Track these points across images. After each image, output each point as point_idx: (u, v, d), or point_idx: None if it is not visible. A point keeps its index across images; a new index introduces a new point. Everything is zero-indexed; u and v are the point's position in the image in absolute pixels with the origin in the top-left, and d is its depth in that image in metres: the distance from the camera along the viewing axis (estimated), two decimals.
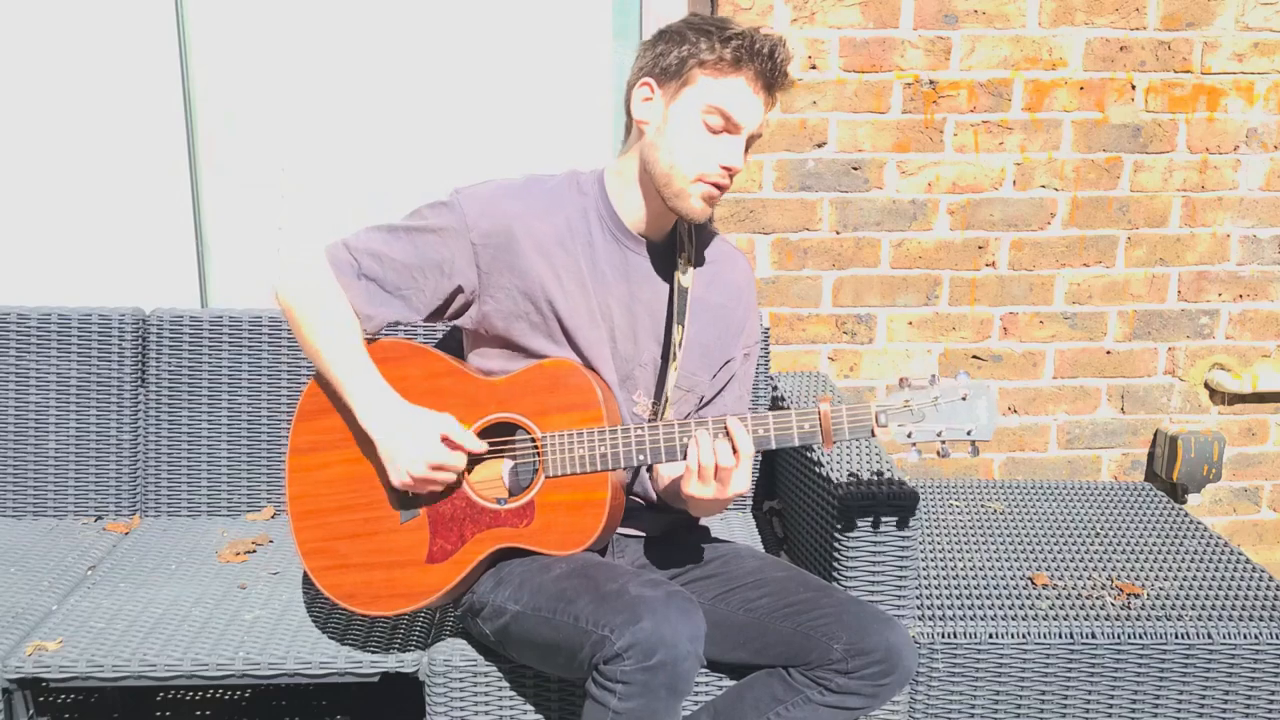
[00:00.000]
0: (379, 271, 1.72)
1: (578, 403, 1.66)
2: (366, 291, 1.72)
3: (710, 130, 1.65)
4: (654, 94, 1.67)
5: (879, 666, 1.60)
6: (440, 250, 1.71)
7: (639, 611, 1.48)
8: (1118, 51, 2.65)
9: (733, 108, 1.63)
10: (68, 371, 2.36)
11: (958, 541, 2.32)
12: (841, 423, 1.59)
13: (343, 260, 1.73)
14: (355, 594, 1.75)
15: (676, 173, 1.66)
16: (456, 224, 1.70)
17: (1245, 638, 1.94)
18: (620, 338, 1.76)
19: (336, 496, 1.76)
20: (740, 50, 1.62)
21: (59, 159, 2.70)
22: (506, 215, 1.70)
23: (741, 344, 1.87)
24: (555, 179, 1.77)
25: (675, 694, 1.50)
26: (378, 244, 1.73)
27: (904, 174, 2.68)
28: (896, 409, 1.57)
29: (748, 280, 1.89)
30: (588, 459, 1.64)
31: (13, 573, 2.10)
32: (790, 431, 1.60)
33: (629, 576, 1.59)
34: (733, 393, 1.87)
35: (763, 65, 1.63)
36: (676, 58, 1.64)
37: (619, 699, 1.48)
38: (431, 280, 1.72)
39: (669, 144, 1.66)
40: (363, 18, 2.67)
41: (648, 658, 1.46)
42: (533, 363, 1.71)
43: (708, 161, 1.65)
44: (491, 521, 1.69)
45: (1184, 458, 2.76)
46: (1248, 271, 2.79)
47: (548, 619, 1.59)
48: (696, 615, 1.52)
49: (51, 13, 2.62)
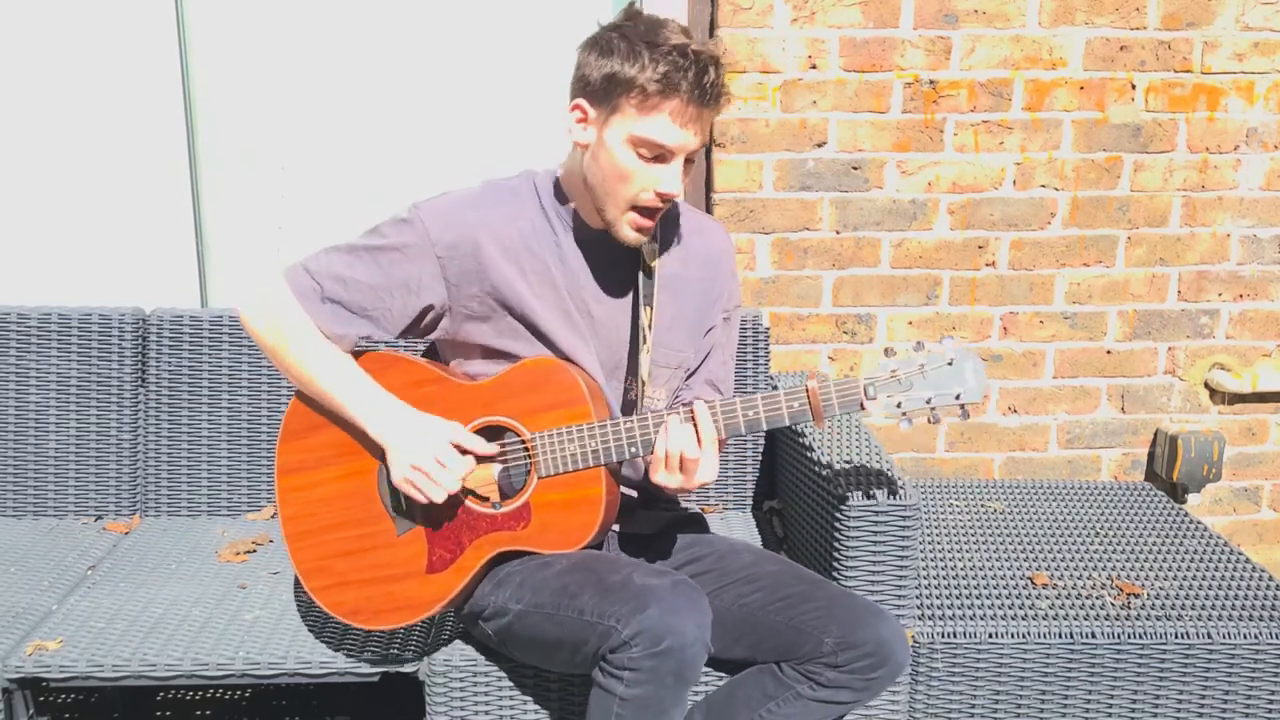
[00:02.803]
0: (343, 295, 1.68)
1: (563, 400, 1.66)
2: (332, 314, 1.69)
3: (642, 159, 1.60)
4: (587, 116, 1.63)
5: (869, 659, 1.59)
6: (405, 268, 1.68)
7: (646, 600, 1.49)
8: (1118, 51, 2.65)
9: (662, 137, 1.58)
10: (68, 371, 2.36)
11: (958, 541, 2.32)
12: (830, 398, 1.59)
13: (304, 286, 1.69)
14: (359, 610, 1.74)
15: (611, 201, 1.63)
16: (419, 239, 1.68)
17: (1245, 638, 1.94)
18: (602, 329, 1.75)
19: (330, 515, 1.75)
20: (669, 77, 1.54)
21: (59, 159, 2.70)
22: (469, 225, 1.68)
23: (720, 308, 1.86)
24: (512, 181, 1.76)
25: (682, 681, 1.50)
26: (340, 266, 1.69)
27: (904, 174, 2.68)
28: (884, 380, 1.58)
29: (724, 249, 1.86)
30: (579, 456, 1.64)
31: (13, 573, 2.10)
32: (780, 411, 1.60)
33: (632, 567, 1.59)
34: (716, 359, 1.86)
35: (691, 92, 1.55)
36: (603, 79, 1.58)
37: (626, 685, 1.48)
38: (399, 299, 1.69)
39: (603, 171, 1.62)
40: (362, 18, 2.67)
41: (655, 644, 1.46)
42: (514, 364, 1.70)
43: (643, 189, 1.61)
44: (488, 526, 1.69)
45: (1184, 457, 2.76)
46: (1248, 271, 2.79)
47: (551, 615, 1.59)
48: (702, 603, 1.53)
49: (51, 13, 2.62)
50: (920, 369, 1.57)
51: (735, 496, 2.48)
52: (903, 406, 1.58)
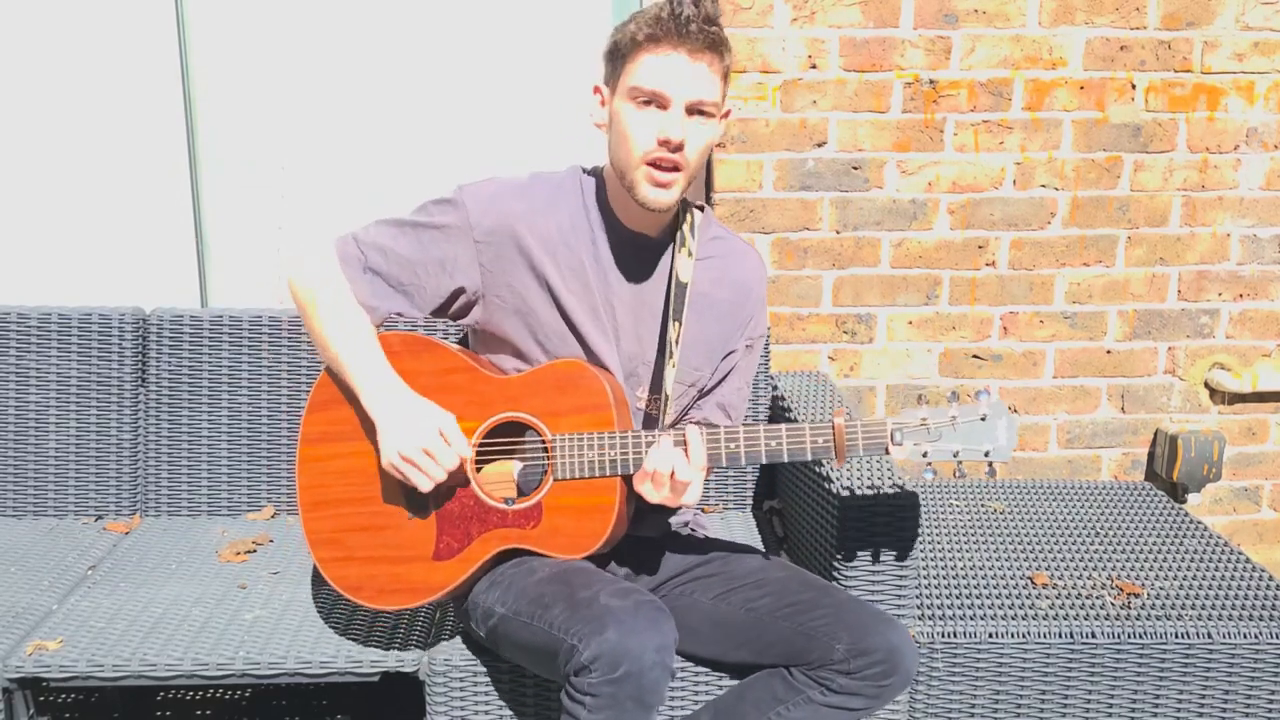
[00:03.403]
0: (384, 266, 1.72)
1: (588, 404, 1.65)
2: (371, 285, 1.72)
3: (639, 109, 1.61)
4: (603, 96, 1.68)
5: (881, 667, 1.59)
6: (443, 247, 1.71)
7: (605, 622, 1.48)
8: (1118, 51, 2.65)
9: (648, 80, 1.59)
10: (68, 371, 2.36)
11: (958, 541, 2.32)
12: (856, 439, 1.57)
13: (350, 254, 1.73)
14: (362, 586, 1.74)
15: (627, 165, 1.64)
16: (459, 222, 1.70)
17: (1245, 637, 1.94)
18: (624, 335, 1.76)
19: (346, 488, 1.75)
20: (655, 25, 1.58)
21: (59, 159, 2.70)
22: (510, 214, 1.70)
23: (745, 336, 1.85)
24: (559, 175, 1.77)
25: (643, 706, 1.50)
26: (384, 238, 1.73)
27: (904, 173, 2.68)
28: (913, 427, 1.55)
29: (758, 277, 1.87)
30: (596, 464, 1.64)
31: (13, 572, 2.10)
32: (803, 445, 1.59)
33: (603, 584, 1.58)
34: (731, 384, 1.86)
35: (675, 32, 1.56)
36: (608, 56, 1.65)
37: (589, 711, 1.48)
38: (433, 277, 1.72)
39: (616, 139, 1.65)
40: (362, 17, 2.67)
41: (613, 669, 1.46)
42: (544, 362, 1.71)
43: (646, 139, 1.61)
44: (498, 522, 1.69)
45: (1184, 457, 2.76)
46: (1248, 271, 2.79)
47: (527, 623, 1.60)
48: (666, 625, 1.52)
49: (52, 13, 2.62)
50: (951, 421, 1.54)
51: (735, 496, 2.48)
52: (929, 456, 1.56)
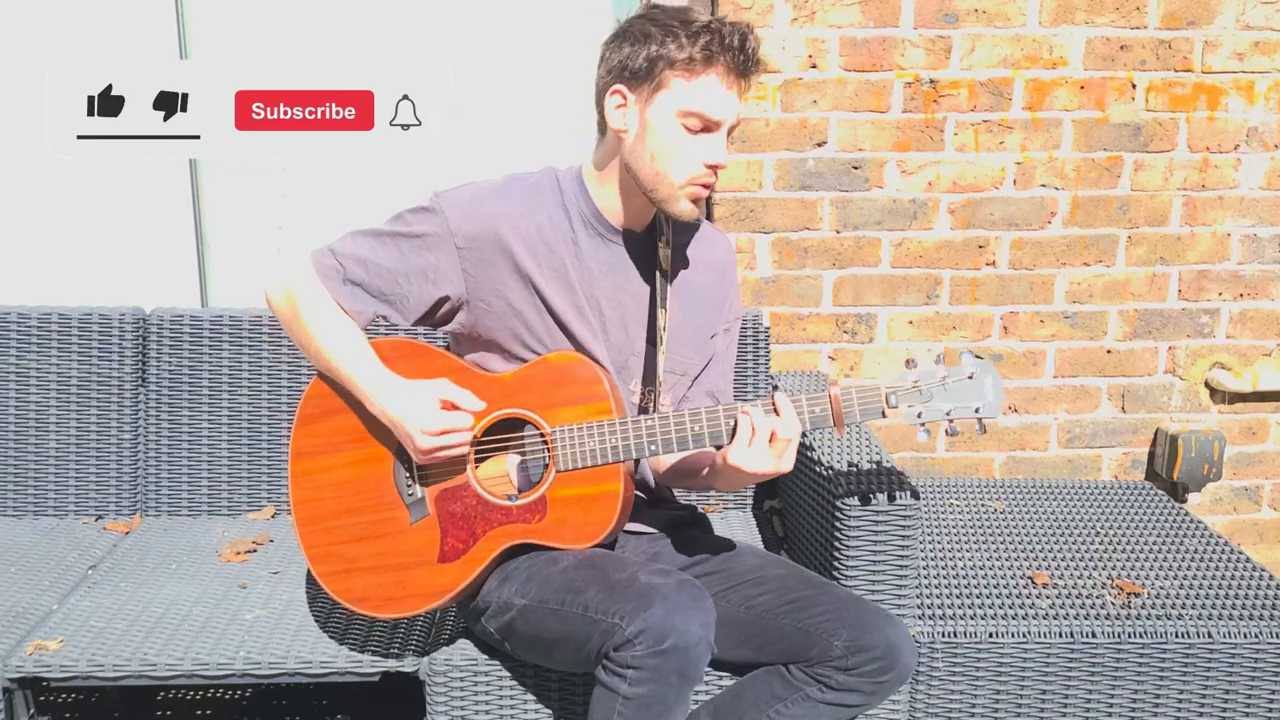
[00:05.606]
0: (364, 277, 1.72)
1: (586, 395, 1.66)
2: (352, 294, 1.72)
3: (690, 132, 1.62)
4: (626, 100, 1.64)
5: (879, 663, 1.60)
6: (425, 256, 1.70)
7: (650, 598, 1.49)
8: (1118, 50, 2.65)
9: (709, 108, 1.61)
10: (68, 371, 2.36)
11: (958, 541, 2.32)
12: (852, 405, 1.60)
13: (328, 266, 1.73)
14: (367, 597, 1.74)
15: (663, 180, 1.64)
16: (439, 229, 1.69)
17: (1245, 637, 1.94)
18: (612, 330, 1.76)
19: (341, 500, 1.75)
20: (710, 46, 1.59)
21: (59, 159, 2.70)
22: (490, 217, 1.70)
23: (723, 318, 1.87)
24: (534, 176, 1.77)
25: (686, 680, 1.50)
26: (363, 249, 1.72)
27: (904, 173, 2.68)
28: (906, 389, 1.59)
29: (729, 259, 1.89)
30: (599, 452, 1.64)
31: (13, 572, 2.10)
32: (802, 415, 1.61)
33: (637, 566, 1.59)
34: (716, 369, 1.87)
35: (734, 58, 1.60)
36: (645, 60, 1.61)
37: (629, 684, 1.49)
38: (416, 286, 1.71)
39: (651, 151, 1.64)
40: (361, 19, 2.67)
41: (659, 643, 1.46)
42: (537, 358, 1.71)
43: (693, 164, 1.63)
44: (503, 518, 1.68)
45: (1184, 457, 2.76)
46: (1248, 270, 2.79)
47: (555, 610, 1.59)
48: (707, 603, 1.53)
49: (52, 13, 2.62)
50: (942, 381, 1.59)
51: (735, 496, 2.48)
52: (923, 417, 1.60)
